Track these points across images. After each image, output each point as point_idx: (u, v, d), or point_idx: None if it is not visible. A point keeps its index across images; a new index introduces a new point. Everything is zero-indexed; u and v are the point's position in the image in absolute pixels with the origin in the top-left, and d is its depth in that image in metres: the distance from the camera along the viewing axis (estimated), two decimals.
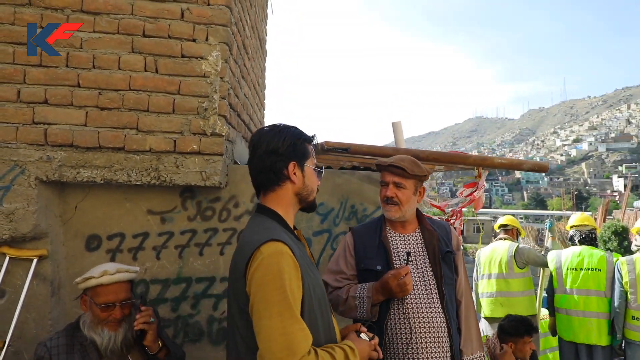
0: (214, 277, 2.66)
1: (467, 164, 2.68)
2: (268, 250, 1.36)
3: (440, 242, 2.08)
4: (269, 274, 1.33)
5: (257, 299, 1.33)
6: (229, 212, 2.70)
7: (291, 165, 1.53)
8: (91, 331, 1.88)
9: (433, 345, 1.90)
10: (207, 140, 2.49)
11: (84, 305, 1.94)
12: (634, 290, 3.58)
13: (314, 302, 1.45)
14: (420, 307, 1.93)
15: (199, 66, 2.49)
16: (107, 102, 2.39)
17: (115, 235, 2.55)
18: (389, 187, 2.05)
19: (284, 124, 1.60)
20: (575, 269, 3.86)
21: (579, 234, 4.02)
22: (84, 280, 1.91)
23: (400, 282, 1.84)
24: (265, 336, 1.31)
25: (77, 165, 2.37)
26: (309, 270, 1.49)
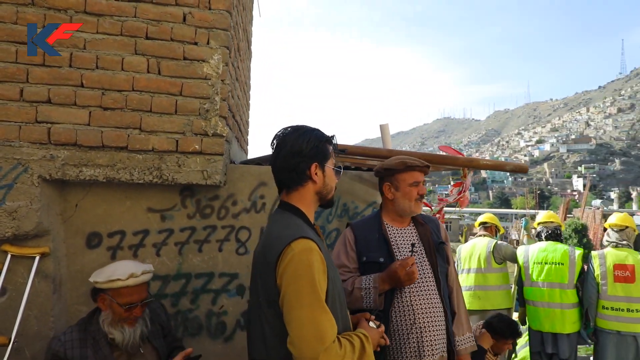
0: (213, 273, 2.74)
1: (456, 164, 2.87)
2: (298, 247, 1.48)
3: (432, 234, 2.25)
4: (300, 269, 1.45)
5: (289, 291, 1.45)
6: (227, 210, 2.78)
7: (313, 166, 1.65)
8: (112, 328, 1.95)
9: (433, 328, 2.08)
10: (208, 140, 2.57)
11: (103, 304, 2.00)
12: (605, 281, 3.87)
13: (335, 295, 1.59)
14: (421, 294, 2.10)
15: (201, 69, 2.57)
16: (110, 102, 2.44)
17: (115, 232, 2.60)
18: (421, 185, 2.22)
19: (306, 125, 1.72)
20: (541, 263, 4.12)
21: (545, 230, 4.29)
22: (109, 281, 1.96)
23: (408, 272, 2.00)
24: (297, 325, 1.42)
25: (79, 164, 2.41)
26: (331, 264, 1.62)
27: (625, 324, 3.83)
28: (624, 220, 4.05)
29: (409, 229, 2.26)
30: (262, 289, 1.56)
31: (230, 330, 2.77)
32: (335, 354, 1.42)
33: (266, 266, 1.53)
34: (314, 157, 1.65)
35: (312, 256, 1.48)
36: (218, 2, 2.62)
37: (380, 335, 1.74)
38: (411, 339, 2.05)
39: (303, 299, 1.44)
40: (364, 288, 2.10)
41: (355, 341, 1.55)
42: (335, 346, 1.44)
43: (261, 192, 2.84)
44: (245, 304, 2.80)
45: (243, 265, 2.80)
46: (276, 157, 1.68)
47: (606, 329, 3.90)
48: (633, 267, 3.84)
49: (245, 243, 2.81)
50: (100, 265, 2.50)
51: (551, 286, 4.06)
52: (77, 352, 1.92)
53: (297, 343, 1.41)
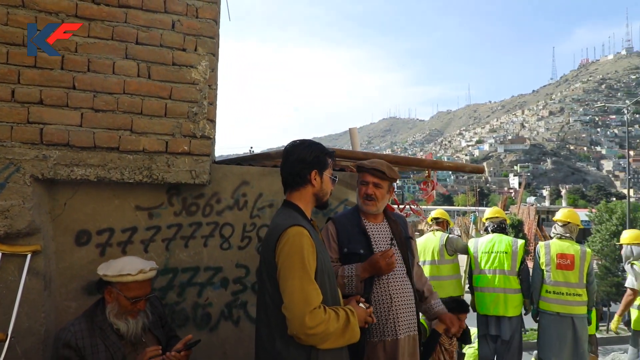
0: (198, 267, 2.89)
1: (422, 166, 3.18)
2: (292, 232, 1.85)
3: (402, 229, 2.55)
4: (293, 248, 1.82)
5: (283, 267, 1.82)
6: (212, 207, 2.94)
7: (313, 173, 2.01)
8: (116, 319, 2.09)
9: (406, 310, 2.38)
10: (196, 142, 2.72)
11: (110, 296, 2.13)
12: (549, 268, 4.40)
13: (324, 273, 1.92)
14: (396, 281, 2.39)
15: (189, 74, 2.71)
16: (102, 104, 2.53)
17: (104, 230, 2.69)
18: (369, 186, 2.48)
19: (312, 140, 2.09)
20: (487, 252, 4.61)
21: (492, 224, 4.80)
22: (119, 275, 2.10)
23: (388, 262, 2.28)
24: (289, 293, 1.78)
25: (71, 163, 2.48)
26: (321, 249, 1.96)
27: (564, 306, 4.37)
28: (567, 217, 4.62)
29: (383, 225, 2.55)
30: (264, 267, 1.92)
31: (215, 320, 2.93)
32: (319, 317, 1.76)
33: (268, 247, 1.91)
34: (315, 165, 2.02)
35: (303, 239, 1.84)
36: (205, 11, 2.77)
37: (368, 314, 2.04)
38: (389, 319, 2.33)
39: (294, 272, 1.79)
40: (347, 276, 2.37)
41: (341, 312, 1.87)
42: (320, 311, 1.78)
43: (243, 191, 3.02)
44: (229, 295, 2.97)
45: (227, 260, 2.96)
46: (285, 163, 2.05)
47: (548, 310, 4.43)
48: (573, 256, 4.40)
49: (228, 239, 2.98)
50: (90, 261, 2.61)
51: (496, 273, 4.55)
52: (87, 341, 2.04)
53: (289, 307, 1.77)
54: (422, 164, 3.18)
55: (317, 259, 1.89)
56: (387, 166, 2.53)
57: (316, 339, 1.78)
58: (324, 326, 1.77)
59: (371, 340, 2.32)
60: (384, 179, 2.51)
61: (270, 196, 3.09)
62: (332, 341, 1.83)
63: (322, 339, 1.79)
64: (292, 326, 1.76)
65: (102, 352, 2.05)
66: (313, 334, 1.75)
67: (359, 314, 1.97)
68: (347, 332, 1.87)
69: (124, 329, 2.10)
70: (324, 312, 1.80)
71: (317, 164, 2.03)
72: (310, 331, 1.74)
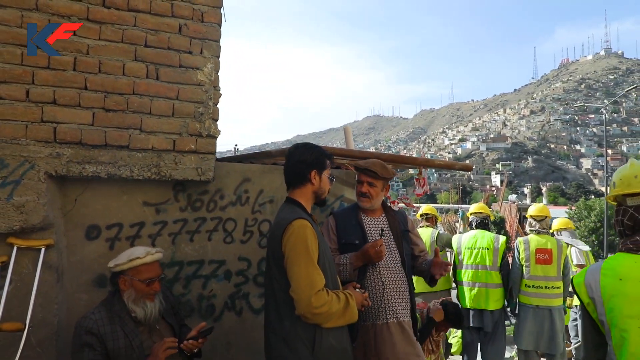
0: (203, 260, 3.02)
1: (415, 164, 3.36)
2: (297, 224, 2.07)
3: (399, 224, 2.73)
4: (298, 238, 2.04)
5: (290, 255, 2.05)
6: (216, 203, 3.07)
7: (313, 172, 2.24)
8: (135, 305, 2.21)
9: (399, 297, 2.56)
10: (202, 140, 2.85)
11: (125, 284, 2.25)
12: (528, 264, 4.60)
13: (325, 260, 2.13)
14: (389, 270, 2.57)
15: (195, 76, 2.84)
16: (113, 104, 2.64)
17: (113, 225, 2.80)
18: (364, 185, 2.66)
19: (313, 143, 2.33)
20: (470, 248, 4.77)
21: (476, 220, 4.95)
22: (129, 261, 2.22)
23: (377, 250, 2.44)
24: (296, 277, 2.01)
25: (83, 161, 2.59)
26: (322, 239, 2.18)
27: (542, 299, 4.60)
28: (542, 211, 4.82)
29: (381, 219, 2.73)
30: (272, 256, 2.13)
31: (219, 311, 3.06)
32: (323, 298, 1.99)
33: (275, 239, 2.14)
34: (314, 165, 2.25)
35: (306, 230, 2.08)
36: (210, 16, 2.90)
37: (364, 298, 2.27)
38: (381, 304, 2.52)
39: (300, 260, 2.02)
40: (342, 264, 2.55)
41: (341, 295, 2.10)
42: (323, 293, 2.01)
43: (245, 187, 3.15)
44: (232, 287, 3.11)
45: (230, 253, 3.10)
46: (288, 164, 2.27)
47: (527, 303, 4.65)
48: (551, 251, 4.61)
49: (231, 233, 3.11)
50: (100, 255, 2.73)
51: (478, 268, 4.71)
52: (108, 328, 2.16)
53: (296, 290, 1.99)
54: (415, 162, 3.37)
55: (318, 248, 2.11)
56: (380, 165, 2.70)
57: (321, 318, 2.00)
58: (327, 306, 1.99)
59: (364, 324, 2.50)
60: (377, 178, 2.68)
61: (270, 192, 3.24)
62: (334, 320, 2.05)
63: (326, 319, 2.02)
64: (300, 307, 1.98)
65: (122, 339, 2.17)
66: (318, 313, 1.97)
67: (356, 297, 2.20)
68: (347, 313, 2.10)
69: (141, 314, 2.22)
70: (327, 294, 2.02)
71: (317, 165, 2.26)
72: (316, 310, 1.96)
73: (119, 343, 2.17)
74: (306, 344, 2.02)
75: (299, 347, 2.01)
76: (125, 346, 2.19)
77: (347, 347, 2.16)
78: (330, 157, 2.36)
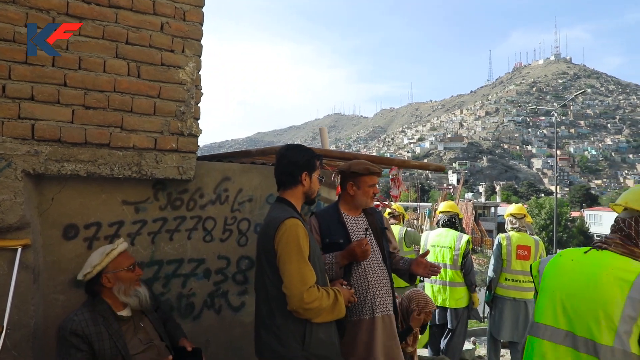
0: (182, 259, 3.02)
1: (392, 164, 3.48)
2: (289, 223, 2.14)
3: (377, 222, 2.83)
4: (290, 237, 2.11)
5: (283, 252, 2.12)
6: (195, 202, 3.07)
7: (304, 174, 2.32)
8: (127, 296, 2.25)
9: (383, 292, 2.67)
10: (183, 139, 2.85)
11: (109, 282, 2.26)
12: (510, 259, 4.84)
13: (315, 258, 2.21)
14: (373, 267, 2.67)
15: (177, 74, 2.83)
16: (93, 101, 2.60)
17: (92, 224, 2.76)
18: (375, 187, 2.80)
19: (304, 145, 2.39)
20: (434, 246, 4.96)
21: (444, 218, 5.14)
22: (105, 255, 2.28)
23: (363, 249, 2.54)
24: (288, 274, 2.09)
25: (62, 159, 2.54)
26: (312, 238, 2.25)
27: (519, 292, 4.89)
28: (521, 210, 5.12)
29: (361, 217, 2.82)
30: (263, 254, 2.20)
31: (198, 310, 3.07)
32: (314, 293, 2.08)
33: (267, 237, 2.19)
34: (305, 167, 2.33)
35: (298, 229, 2.15)
36: (192, 15, 2.89)
37: (351, 295, 2.38)
38: (367, 300, 2.61)
39: (292, 257, 2.09)
40: (327, 263, 2.62)
41: (330, 292, 2.19)
42: (314, 289, 2.10)
43: (225, 186, 3.17)
44: (211, 285, 3.13)
45: (209, 252, 3.12)
46: (279, 165, 2.33)
47: (505, 296, 4.91)
48: (529, 247, 4.92)
49: (211, 231, 3.12)
50: (78, 255, 2.70)
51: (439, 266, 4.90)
52: (92, 329, 2.14)
53: (289, 286, 2.07)
54: (392, 163, 3.49)
55: (309, 246, 2.19)
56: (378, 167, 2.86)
57: (312, 313, 2.09)
58: (318, 302, 2.08)
59: (351, 319, 2.59)
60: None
61: (250, 191, 3.27)
62: (324, 316, 2.14)
63: (316, 314, 2.10)
64: (292, 302, 2.06)
65: (107, 340, 2.16)
66: (310, 308, 2.06)
67: (344, 294, 2.30)
68: (336, 309, 2.19)
69: (135, 303, 2.27)
70: (318, 290, 2.11)
71: (308, 166, 2.35)
72: (307, 306, 2.05)
73: (105, 344, 2.16)
74: (297, 338, 2.09)
75: (290, 341, 2.08)
76: (111, 347, 2.18)
77: (335, 341, 2.24)
78: (321, 159, 2.44)
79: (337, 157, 3.10)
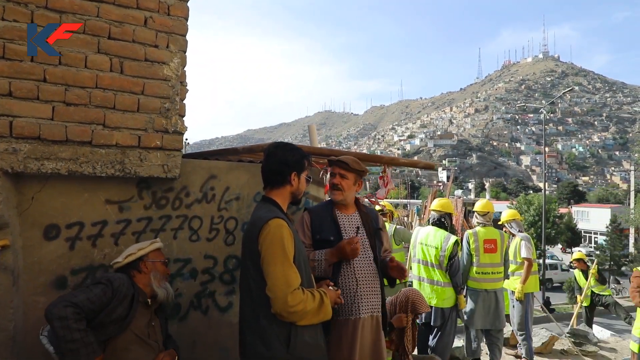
0: (168, 259, 2.94)
1: (381, 162, 3.44)
2: (274, 224, 2.08)
3: (372, 221, 2.78)
4: (274, 238, 2.05)
5: (267, 254, 2.04)
6: (181, 200, 3.01)
7: (293, 174, 2.26)
8: (159, 287, 2.43)
9: (371, 293, 2.62)
10: (168, 137, 2.79)
11: (147, 268, 2.48)
12: (478, 253, 4.89)
13: (300, 259, 2.16)
14: (362, 266, 2.62)
15: (162, 70, 2.76)
16: (74, 98, 2.53)
17: (74, 224, 2.68)
18: (335, 177, 2.70)
19: (292, 144, 2.34)
20: (422, 244, 4.89)
21: (434, 216, 5.05)
22: (152, 244, 2.58)
23: (352, 247, 2.49)
24: (272, 276, 2.02)
25: (42, 157, 2.46)
26: (297, 239, 2.19)
27: (490, 283, 5.06)
28: (485, 207, 5.21)
29: (354, 216, 2.77)
30: (248, 255, 2.15)
31: (185, 310, 3.02)
32: (299, 296, 2.02)
33: (252, 237, 2.11)
34: (295, 167, 2.27)
35: (283, 230, 2.08)
36: (177, 9, 2.83)
37: (337, 296, 2.32)
38: (355, 300, 2.57)
39: (276, 259, 2.02)
40: (317, 260, 2.58)
41: (316, 294, 2.14)
42: (299, 291, 2.03)
43: (211, 184, 3.12)
44: (198, 286, 3.07)
45: (195, 251, 3.06)
46: (267, 163, 2.27)
47: (477, 288, 5.06)
48: (495, 241, 5.08)
49: (197, 231, 3.07)
50: (60, 256, 2.63)
51: (425, 264, 4.81)
52: (124, 290, 2.30)
53: (273, 289, 2.00)
54: (381, 160, 3.45)
55: (294, 247, 2.12)
56: (352, 159, 2.76)
57: (296, 316, 2.03)
58: (302, 305, 2.03)
59: (338, 319, 2.55)
60: (349, 170, 2.72)
61: (236, 190, 3.22)
62: (309, 318, 2.09)
63: (300, 317, 2.05)
64: (276, 305, 2.00)
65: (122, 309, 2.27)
66: (294, 311, 2.00)
67: (330, 295, 2.24)
68: (322, 311, 2.14)
69: (163, 295, 2.44)
70: (303, 293, 2.05)
71: (297, 166, 2.29)
72: (291, 309, 1.99)
73: (119, 310, 2.25)
74: (281, 340, 2.04)
75: (274, 344, 2.03)
76: (119, 317, 2.26)
77: (321, 343, 2.20)
78: (309, 158, 2.38)
79: (326, 154, 3.06)
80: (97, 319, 2.21)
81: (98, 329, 2.22)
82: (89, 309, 2.16)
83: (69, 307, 2.09)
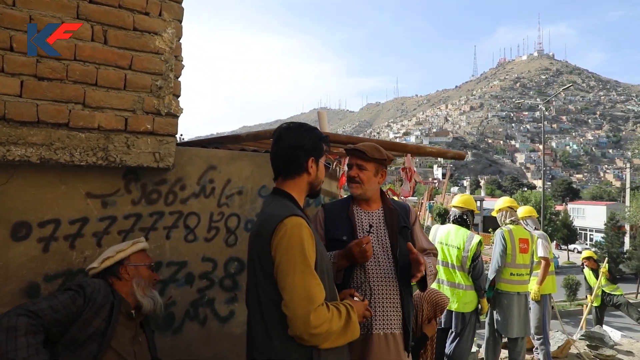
0: (160, 262, 2.56)
1: (406, 151, 3.04)
2: (290, 223, 1.66)
3: (399, 218, 2.36)
4: (292, 240, 1.63)
5: (282, 261, 1.63)
6: (176, 195, 2.61)
7: (310, 160, 1.84)
8: (143, 297, 1.99)
9: (388, 304, 2.20)
10: (161, 120, 2.38)
11: (128, 274, 2.02)
12: (514, 253, 4.59)
13: (323, 265, 1.74)
14: (379, 272, 2.21)
15: (153, 42, 2.36)
16: (48, 71, 2.12)
17: (48, 221, 2.27)
18: (353, 168, 2.29)
19: (307, 124, 1.91)
20: (442, 243, 4.49)
21: (454, 213, 4.62)
22: (133, 245, 2.09)
23: (361, 249, 2.06)
24: (290, 289, 1.60)
25: (7, 141, 2.05)
26: (318, 240, 1.78)
27: (522, 285, 4.69)
28: (514, 202, 4.90)
29: (377, 212, 2.35)
30: (257, 260, 1.72)
31: (179, 321, 2.62)
32: (323, 315, 1.60)
33: (262, 240, 1.70)
34: (312, 152, 1.85)
35: (302, 230, 1.66)
36: None
37: (365, 308, 1.90)
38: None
39: (295, 267, 1.61)
40: None
41: (342, 309, 1.71)
42: (323, 308, 1.61)
43: (210, 176, 2.72)
44: (195, 293, 2.67)
45: (192, 253, 2.66)
46: (278, 149, 1.84)
47: (511, 291, 4.63)
48: (527, 240, 4.72)
49: (194, 230, 2.67)
50: (31, 259, 2.24)
51: (446, 265, 4.42)
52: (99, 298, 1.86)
53: (290, 305, 1.59)
54: (405, 149, 3.05)
55: (316, 251, 1.71)
56: (370, 147, 2.34)
57: (319, 338, 1.61)
58: (327, 325, 1.61)
59: None
60: (367, 159, 2.31)
61: (239, 182, 2.82)
62: (333, 340, 1.66)
63: (325, 339, 1.63)
64: (295, 326, 1.58)
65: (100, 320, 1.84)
66: (317, 333, 1.58)
67: (358, 308, 1.82)
68: (349, 330, 1.71)
69: (149, 306, 2.00)
70: (327, 310, 1.63)
71: (315, 150, 1.86)
72: (314, 331, 1.57)
73: (95, 322, 1.82)
74: None
75: None
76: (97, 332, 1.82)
77: None
78: (327, 141, 1.96)
79: (344, 142, 2.65)
80: (69, 334, 1.78)
81: (73, 349, 1.81)
82: (53, 320, 1.73)
83: (23, 316, 1.67)
